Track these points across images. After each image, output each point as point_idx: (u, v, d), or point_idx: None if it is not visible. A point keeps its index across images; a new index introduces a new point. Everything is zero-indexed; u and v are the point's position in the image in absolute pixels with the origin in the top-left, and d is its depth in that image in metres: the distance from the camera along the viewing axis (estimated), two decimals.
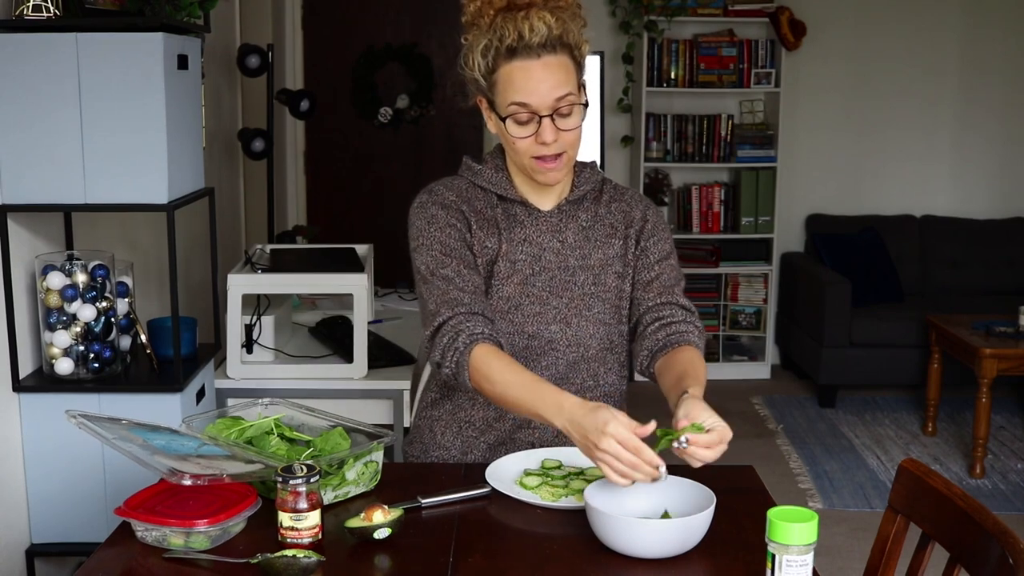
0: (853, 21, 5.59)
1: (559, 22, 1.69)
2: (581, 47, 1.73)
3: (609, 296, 1.83)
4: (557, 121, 1.69)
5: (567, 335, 1.80)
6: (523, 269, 1.80)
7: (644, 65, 5.34)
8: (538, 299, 1.80)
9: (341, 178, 6.00)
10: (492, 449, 1.85)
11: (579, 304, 1.81)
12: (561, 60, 1.69)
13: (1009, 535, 1.34)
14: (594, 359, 1.83)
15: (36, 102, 2.39)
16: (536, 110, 1.68)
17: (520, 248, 1.80)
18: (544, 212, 1.82)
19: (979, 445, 4.17)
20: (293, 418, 1.76)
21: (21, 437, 2.54)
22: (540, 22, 1.67)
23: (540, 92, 1.68)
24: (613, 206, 1.87)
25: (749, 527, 1.52)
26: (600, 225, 1.85)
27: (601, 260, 1.83)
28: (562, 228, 1.82)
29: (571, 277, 1.81)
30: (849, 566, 3.33)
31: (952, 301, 5.24)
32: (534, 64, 1.68)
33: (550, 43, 1.68)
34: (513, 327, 1.79)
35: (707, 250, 5.49)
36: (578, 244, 1.82)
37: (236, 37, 4.46)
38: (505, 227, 1.81)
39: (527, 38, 1.66)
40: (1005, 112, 5.69)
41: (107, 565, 1.43)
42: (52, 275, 2.49)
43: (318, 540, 1.45)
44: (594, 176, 1.87)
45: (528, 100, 1.68)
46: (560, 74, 1.68)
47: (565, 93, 1.68)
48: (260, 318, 2.97)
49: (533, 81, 1.68)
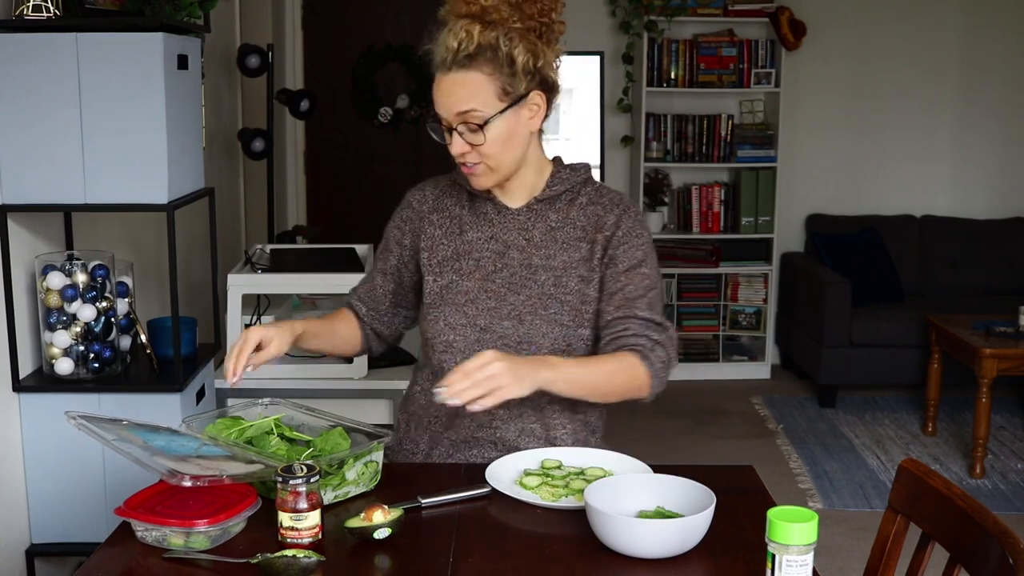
0: (853, 21, 5.59)
1: (486, 33, 1.71)
2: (515, 57, 1.72)
3: (569, 299, 1.82)
4: (465, 135, 1.74)
5: (519, 332, 1.81)
6: (486, 265, 1.84)
7: (644, 65, 5.34)
8: (495, 295, 1.82)
9: (341, 178, 6.00)
10: (455, 446, 1.87)
11: (536, 303, 1.81)
12: (470, 75, 1.72)
13: (1009, 535, 1.34)
14: None
15: (36, 102, 2.39)
16: (445, 123, 1.76)
17: (486, 245, 1.85)
18: (512, 209, 1.86)
19: (979, 445, 4.17)
20: (293, 418, 1.76)
21: (21, 437, 2.54)
22: (455, 38, 1.71)
23: (443, 106, 1.75)
24: (588, 209, 1.87)
25: (749, 527, 1.52)
26: (570, 227, 1.85)
27: (565, 262, 1.83)
28: (529, 226, 1.85)
29: (532, 275, 1.82)
30: (849, 566, 3.33)
31: (952, 301, 5.24)
32: (443, 79, 1.75)
33: (463, 58, 1.71)
34: (467, 319, 1.82)
35: (707, 250, 5.49)
36: (544, 243, 1.84)
37: (236, 37, 4.46)
38: (471, 225, 1.86)
39: (442, 53, 1.73)
40: (1005, 112, 5.69)
41: (107, 565, 1.43)
42: (52, 275, 2.49)
43: (318, 540, 1.45)
44: (574, 177, 1.88)
45: (439, 112, 1.76)
46: (463, 90, 1.72)
47: (467, 109, 1.72)
48: (260, 318, 2.97)
49: (440, 94, 1.75)
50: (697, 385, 5.47)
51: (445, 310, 1.84)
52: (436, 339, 1.85)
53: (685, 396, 5.26)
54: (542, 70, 1.77)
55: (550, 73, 1.79)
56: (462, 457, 1.86)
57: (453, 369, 1.59)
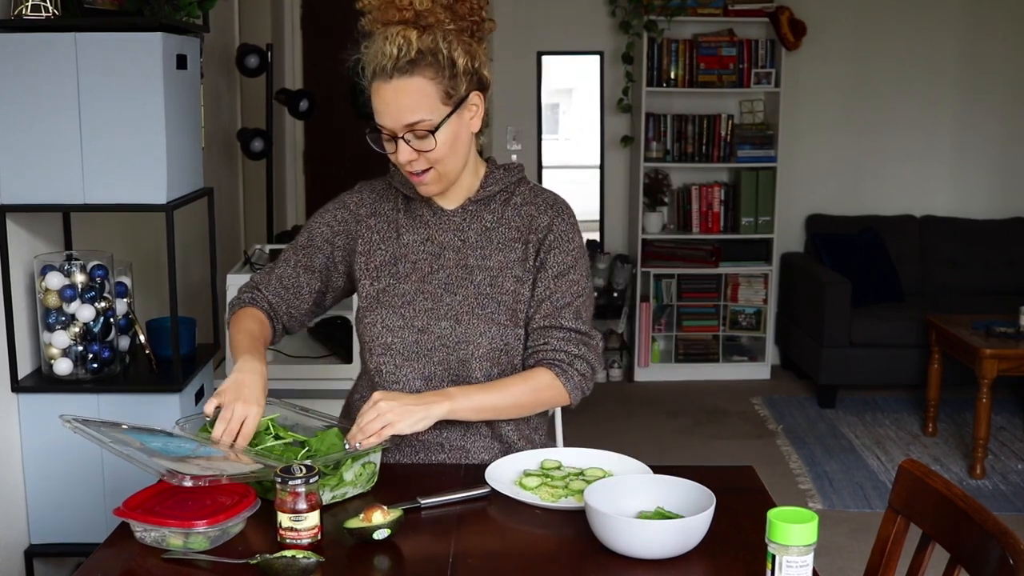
0: (853, 21, 5.59)
1: (424, 38, 1.69)
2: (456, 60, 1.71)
3: (505, 299, 1.82)
4: (413, 143, 1.73)
5: (456, 332, 1.81)
6: (422, 267, 1.83)
7: (644, 65, 5.34)
8: (432, 296, 1.82)
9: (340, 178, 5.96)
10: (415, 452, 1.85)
11: (472, 303, 1.81)
12: (413, 82, 1.70)
13: (1009, 536, 1.34)
14: (485, 358, 1.82)
15: (35, 102, 2.39)
16: (390, 131, 1.73)
17: (422, 247, 1.85)
18: (448, 211, 1.86)
19: (979, 445, 4.16)
20: (287, 418, 1.76)
21: (20, 437, 2.53)
22: (392, 44, 1.68)
23: (389, 115, 1.72)
24: (523, 209, 1.87)
25: (749, 527, 1.52)
26: (504, 227, 1.85)
27: (500, 262, 1.83)
28: (464, 227, 1.85)
29: (468, 276, 1.82)
30: (849, 566, 3.33)
31: (952, 301, 5.24)
32: (384, 87, 1.71)
33: (404, 65, 1.69)
34: (404, 321, 1.81)
35: (707, 250, 5.49)
36: (479, 244, 1.84)
37: (235, 37, 4.46)
38: (408, 228, 1.86)
39: (381, 61, 1.70)
40: (1005, 112, 5.69)
41: (106, 565, 1.43)
42: (51, 275, 2.48)
43: (317, 541, 1.45)
44: (507, 177, 1.88)
45: (382, 122, 1.73)
46: (408, 98, 1.70)
47: (416, 120, 1.71)
48: None
49: (382, 103, 1.72)
50: (697, 385, 5.47)
51: (382, 312, 1.83)
52: (374, 342, 1.84)
53: (685, 396, 5.25)
54: (479, 70, 1.76)
55: (484, 72, 1.78)
56: (409, 461, 1.85)
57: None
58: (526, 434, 1.91)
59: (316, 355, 3.03)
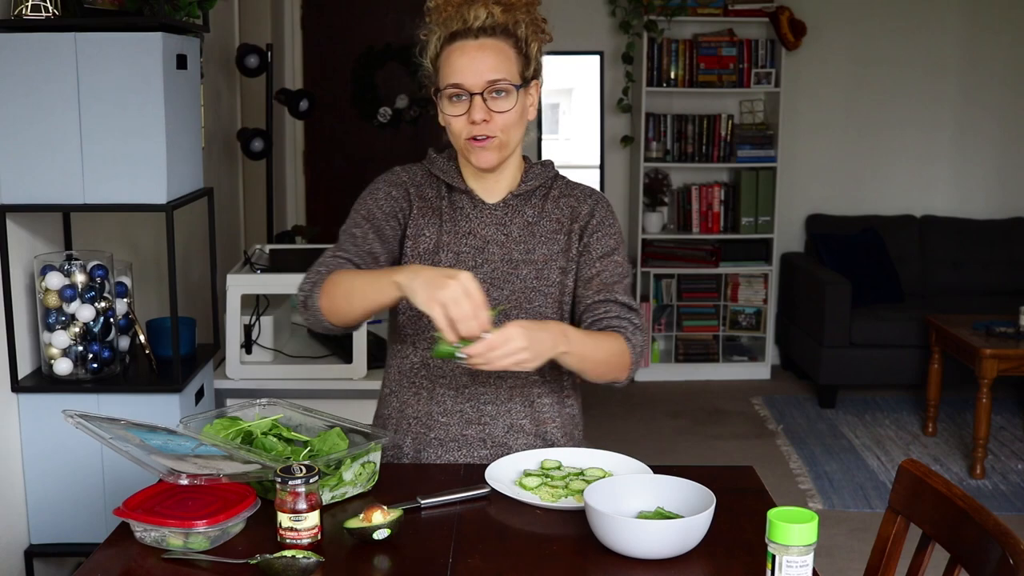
0: (853, 21, 5.59)
1: (507, 13, 1.74)
2: (530, 42, 1.77)
3: (552, 291, 1.83)
4: (489, 102, 1.73)
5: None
6: (466, 260, 1.82)
7: (644, 65, 5.34)
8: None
9: (340, 178, 6.00)
10: (443, 445, 1.84)
11: (520, 297, 1.82)
12: (499, 44, 1.74)
13: (1010, 536, 1.34)
14: None
15: (35, 102, 2.39)
16: (468, 88, 1.73)
17: (464, 240, 1.83)
18: (490, 205, 1.85)
19: (979, 445, 4.16)
20: (291, 418, 1.76)
21: (20, 438, 2.53)
22: (483, 9, 1.73)
23: (473, 71, 1.72)
24: (561, 201, 1.88)
25: (749, 527, 1.52)
26: (546, 220, 1.86)
27: (545, 255, 1.84)
28: (507, 222, 1.85)
29: (514, 270, 1.82)
30: (849, 567, 3.33)
31: (952, 301, 5.24)
32: (470, 44, 1.73)
33: (490, 28, 1.73)
34: None
35: (707, 250, 5.49)
36: (523, 239, 1.84)
37: (235, 37, 4.46)
38: (449, 218, 1.84)
39: (469, 23, 1.72)
40: (1005, 112, 5.69)
41: (106, 566, 1.43)
42: (51, 275, 2.48)
43: (317, 541, 1.45)
44: (545, 172, 1.89)
45: (461, 79, 1.73)
46: (494, 57, 1.73)
47: (499, 77, 1.72)
48: (259, 318, 2.96)
49: (466, 59, 1.73)
50: (697, 385, 5.47)
51: None
52: (420, 335, 1.83)
53: (685, 396, 5.25)
54: (539, 62, 1.80)
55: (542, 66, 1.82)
56: (451, 457, 1.84)
57: (477, 341, 1.52)
58: (569, 430, 1.90)
59: (316, 355, 3.03)
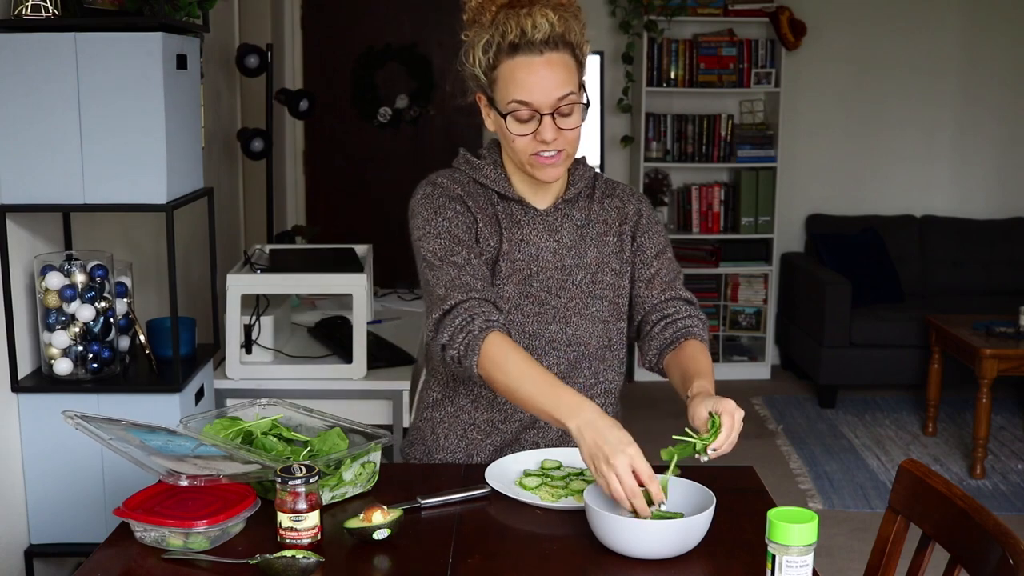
0: (853, 21, 5.59)
1: (562, 20, 1.68)
2: (582, 47, 1.72)
3: (607, 294, 1.83)
4: (558, 120, 1.68)
5: (567, 334, 1.80)
6: (521, 269, 1.79)
7: (644, 65, 5.34)
8: (537, 299, 1.79)
9: (340, 178, 6.00)
10: (498, 451, 1.84)
11: (578, 303, 1.81)
12: (564, 58, 1.68)
13: (1010, 536, 1.34)
14: (595, 357, 1.83)
15: (35, 102, 2.39)
16: (538, 108, 1.67)
17: (518, 248, 1.79)
18: (540, 211, 1.81)
19: (979, 446, 4.16)
20: (291, 418, 1.76)
21: (20, 438, 2.53)
22: (543, 19, 1.66)
23: (542, 89, 1.66)
24: (606, 203, 1.87)
25: (749, 527, 1.52)
26: (595, 223, 1.85)
27: (597, 258, 1.83)
28: (558, 227, 1.82)
29: (568, 276, 1.81)
30: (849, 567, 3.33)
31: (952, 301, 5.24)
32: (537, 61, 1.66)
33: (553, 40, 1.66)
34: (514, 327, 1.78)
35: (707, 250, 5.49)
36: (574, 243, 1.82)
37: (235, 37, 4.46)
38: (505, 226, 1.80)
39: (530, 34, 1.65)
40: (1005, 112, 5.69)
41: (106, 566, 1.43)
42: (51, 275, 2.48)
43: (317, 541, 1.45)
44: (587, 173, 1.87)
45: (530, 98, 1.67)
46: (563, 73, 1.68)
47: (567, 92, 1.67)
48: (259, 318, 2.96)
49: (535, 78, 1.66)
50: None
51: None
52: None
53: None
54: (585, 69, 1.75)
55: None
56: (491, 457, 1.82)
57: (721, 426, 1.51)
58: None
59: (316, 355, 3.03)
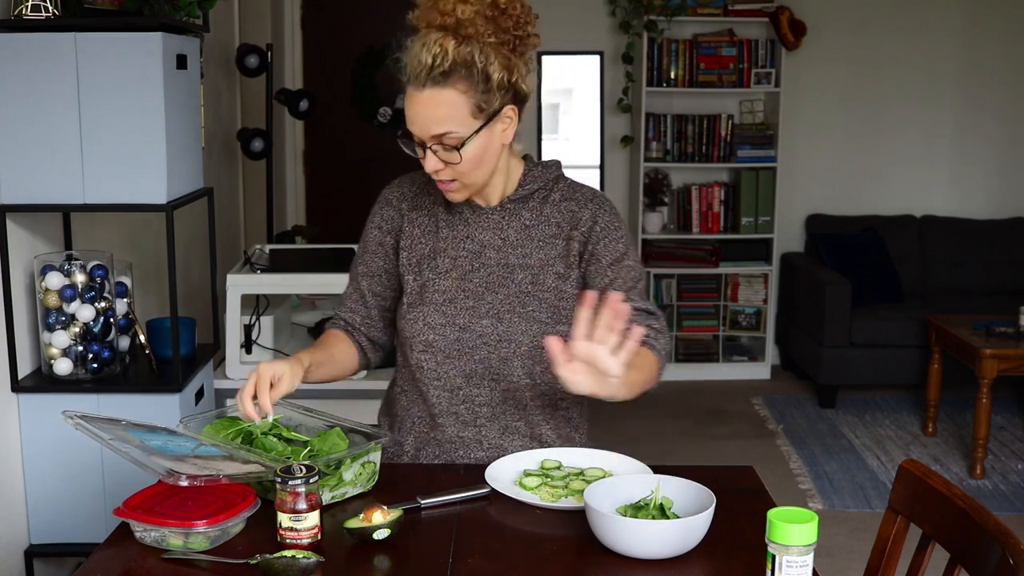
0: (853, 21, 5.59)
1: (462, 47, 1.67)
2: (492, 73, 1.69)
3: (547, 296, 1.83)
4: (440, 153, 1.72)
5: (497, 331, 1.81)
6: (462, 264, 1.83)
7: (644, 65, 5.34)
8: (473, 294, 1.82)
9: (340, 178, 6.00)
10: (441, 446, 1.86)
11: (514, 301, 1.82)
12: (445, 94, 1.68)
13: (1010, 536, 1.33)
14: (527, 356, 1.82)
15: (35, 102, 2.39)
16: (418, 138, 1.73)
17: (462, 244, 1.84)
18: (487, 209, 1.85)
19: (979, 446, 4.16)
20: (291, 418, 1.76)
21: (20, 438, 2.54)
22: (428, 53, 1.67)
23: (419, 125, 1.71)
24: (562, 205, 1.87)
25: (749, 527, 1.52)
26: (544, 224, 1.85)
27: (541, 260, 1.83)
28: (504, 226, 1.85)
29: (509, 274, 1.82)
30: (849, 567, 3.33)
31: (952, 301, 5.24)
32: (415, 96, 1.70)
33: (436, 76, 1.67)
34: (446, 319, 1.82)
35: (707, 250, 5.49)
36: (519, 242, 1.84)
37: (235, 37, 4.46)
38: (447, 223, 1.86)
39: (414, 66, 1.69)
40: (1005, 112, 5.69)
41: (106, 566, 1.43)
42: (51, 275, 2.48)
43: (317, 541, 1.45)
44: (545, 175, 1.87)
45: (412, 129, 1.73)
46: (438, 110, 1.68)
47: (444, 131, 1.69)
48: (259, 318, 2.96)
49: (412, 112, 1.71)
50: (697, 385, 5.47)
51: (424, 310, 1.83)
52: (415, 338, 1.84)
53: (685, 396, 5.25)
54: (515, 84, 1.74)
55: (522, 85, 1.76)
56: (448, 458, 1.86)
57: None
58: (565, 433, 1.90)
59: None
